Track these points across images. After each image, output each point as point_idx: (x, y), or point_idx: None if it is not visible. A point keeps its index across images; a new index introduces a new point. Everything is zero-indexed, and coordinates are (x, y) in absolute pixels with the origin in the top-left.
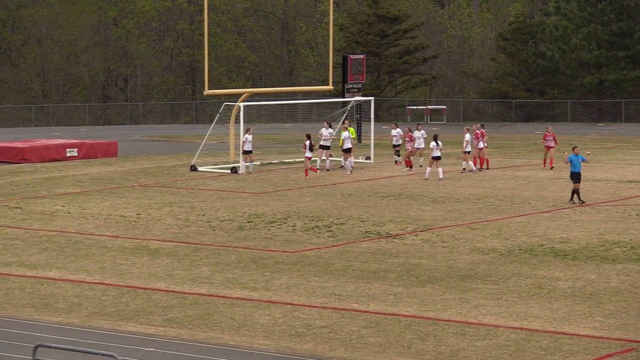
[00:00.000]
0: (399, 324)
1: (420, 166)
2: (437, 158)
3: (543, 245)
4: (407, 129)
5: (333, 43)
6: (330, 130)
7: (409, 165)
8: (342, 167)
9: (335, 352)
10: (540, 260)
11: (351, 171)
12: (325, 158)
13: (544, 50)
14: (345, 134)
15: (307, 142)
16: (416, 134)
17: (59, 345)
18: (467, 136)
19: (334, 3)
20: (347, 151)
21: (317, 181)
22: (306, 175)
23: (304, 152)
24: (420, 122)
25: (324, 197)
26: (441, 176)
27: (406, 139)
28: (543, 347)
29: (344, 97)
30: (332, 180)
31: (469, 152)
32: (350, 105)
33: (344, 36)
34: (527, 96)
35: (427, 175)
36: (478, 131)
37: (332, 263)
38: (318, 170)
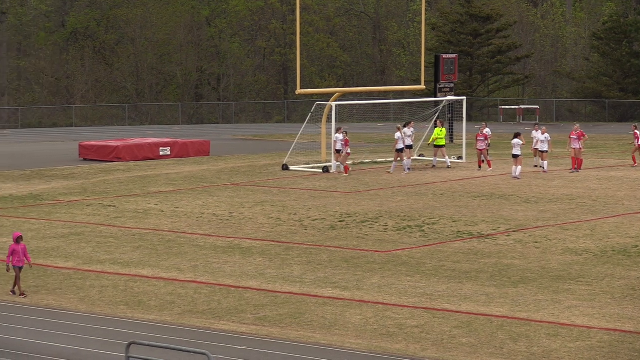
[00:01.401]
0: (491, 324)
1: (535, 166)
2: (516, 156)
3: (637, 246)
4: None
5: (425, 42)
6: (413, 129)
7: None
8: (434, 166)
9: (427, 352)
10: (634, 261)
11: (409, 170)
12: (408, 158)
13: (638, 50)
14: (397, 134)
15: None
16: (539, 134)
17: (152, 343)
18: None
19: (426, 2)
20: (400, 151)
21: (409, 181)
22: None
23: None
24: (538, 123)
25: (415, 196)
26: (517, 174)
27: (480, 138)
28: (637, 349)
29: (436, 96)
30: (424, 180)
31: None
32: (442, 105)
33: (436, 35)
34: (620, 96)
35: (516, 174)
36: (575, 132)
37: (424, 263)
38: (349, 171)
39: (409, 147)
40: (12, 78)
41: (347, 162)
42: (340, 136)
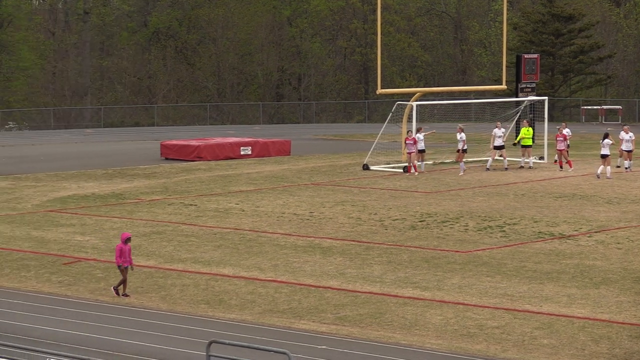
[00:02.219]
0: (572, 325)
1: (617, 167)
2: (605, 156)
3: None
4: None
5: (507, 42)
6: (503, 129)
7: (569, 164)
8: (521, 167)
9: (508, 353)
10: None
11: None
12: (503, 157)
13: None
14: (460, 135)
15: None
16: (624, 134)
17: (233, 342)
18: (460, 135)
19: (507, 2)
20: (462, 152)
21: (489, 181)
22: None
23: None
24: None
25: (496, 197)
26: (608, 174)
27: (559, 138)
28: None
29: (517, 96)
30: (505, 180)
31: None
32: (523, 105)
33: (518, 35)
34: None
35: (607, 175)
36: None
37: (505, 263)
38: (416, 172)
39: (501, 147)
40: (95, 78)
41: (427, 162)
42: (421, 136)
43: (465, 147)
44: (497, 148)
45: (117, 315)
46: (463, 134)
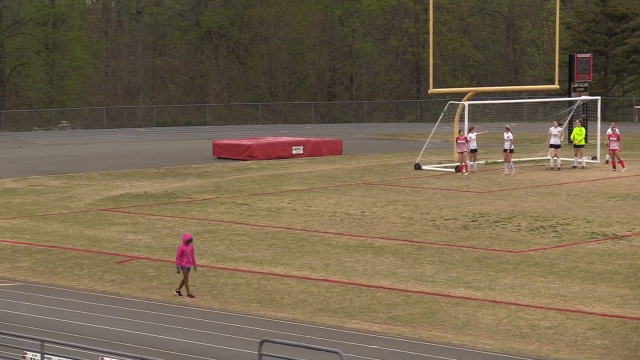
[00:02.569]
0: (625, 326)
1: None
2: None
3: None
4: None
5: (559, 42)
6: (560, 129)
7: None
8: (574, 167)
9: (560, 354)
10: None
11: (509, 173)
12: (557, 157)
13: None
14: (507, 135)
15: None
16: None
17: (284, 341)
18: (507, 135)
19: (560, 1)
20: (508, 152)
21: (542, 181)
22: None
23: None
24: None
25: (549, 196)
26: None
27: (612, 138)
28: None
29: (569, 96)
30: (557, 180)
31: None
32: (576, 105)
33: (571, 35)
34: None
35: None
36: None
37: (557, 264)
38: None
39: (557, 146)
40: (147, 77)
41: (479, 162)
42: (473, 135)
43: (512, 147)
44: (553, 147)
45: (169, 314)
46: (510, 134)
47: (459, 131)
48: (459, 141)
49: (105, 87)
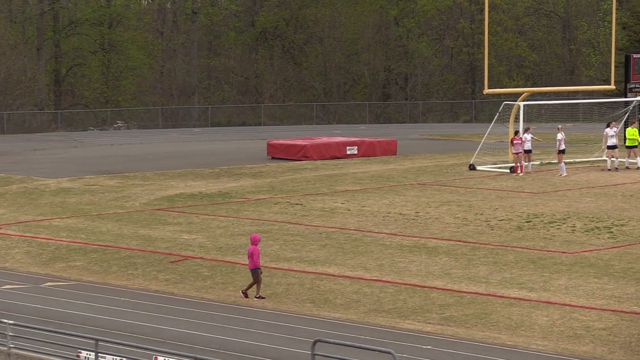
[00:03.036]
0: None
1: None
2: None
3: None
4: None
5: (615, 42)
6: (615, 129)
7: None
8: (627, 167)
9: (615, 355)
10: None
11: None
12: (615, 158)
13: None
14: (559, 135)
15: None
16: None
17: (338, 341)
18: (559, 135)
19: (617, 1)
20: (561, 152)
21: (597, 181)
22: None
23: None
24: None
25: (604, 197)
26: None
27: None
28: None
29: (626, 97)
30: (612, 181)
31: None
32: (632, 106)
33: (627, 35)
34: None
35: None
36: None
37: (612, 265)
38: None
39: (614, 147)
40: (203, 77)
41: (533, 163)
42: (528, 136)
43: (562, 148)
44: (610, 148)
45: (222, 314)
46: (561, 134)
47: (515, 132)
48: (514, 142)
49: (160, 87)
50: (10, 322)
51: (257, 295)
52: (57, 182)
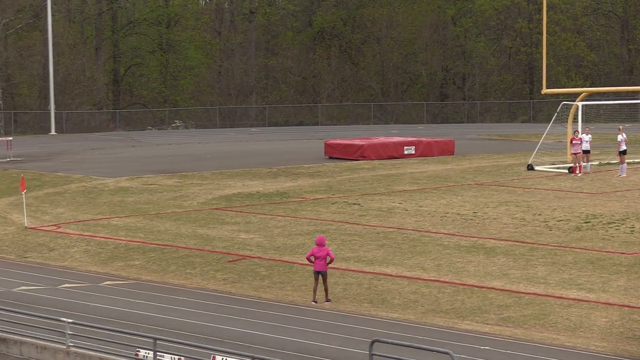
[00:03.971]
0: None
1: None
2: None
3: None
4: None
5: None
6: None
7: None
8: None
9: None
10: None
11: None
12: None
13: None
14: (620, 137)
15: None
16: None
17: (395, 341)
18: (620, 137)
19: None
20: (622, 153)
21: None
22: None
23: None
24: None
25: None
26: None
27: None
28: None
29: None
30: None
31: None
32: None
33: None
34: None
35: None
36: None
37: None
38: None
39: None
40: (260, 77)
41: (592, 163)
42: (587, 137)
43: (623, 148)
44: None
45: (280, 313)
46: (622, 135)
47: (574, 132)
48: (573, 142)
49: (218, 86)
50: (69, 320)
51: (327, 299)
52: (116, 181)
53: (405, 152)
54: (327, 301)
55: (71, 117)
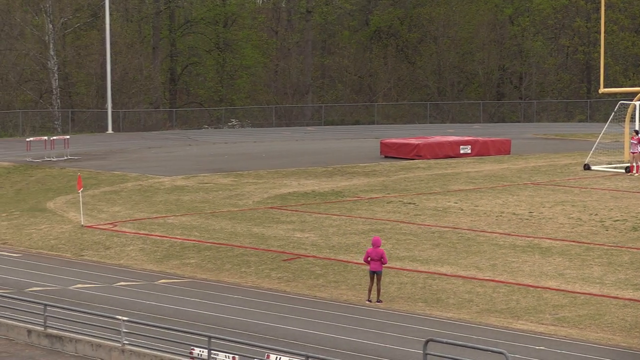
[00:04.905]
0: None
1: None
2: None
3: None
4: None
5: None
6: None
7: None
8: None
9: None
10: None
11: None
12: None
13: None
14: None
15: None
16: None
17: (449, 341)
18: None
19: None
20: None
21: None
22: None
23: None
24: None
25: None
26: None
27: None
28: None
29: None
30: None
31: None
32: None
33: None
34: None
35: None
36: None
37: None
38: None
39: None
40: (317, 76)
41: None
42: None
43: None
44: None
45: (335, 312)
46: None
47: (634, 131)
48: (631, 141)
49: (274, 86)
50: (125, 318)
51: (378, 299)
52: (172, 180)
53: (461, 152)
54: (379, 302)
55: (128, 116)
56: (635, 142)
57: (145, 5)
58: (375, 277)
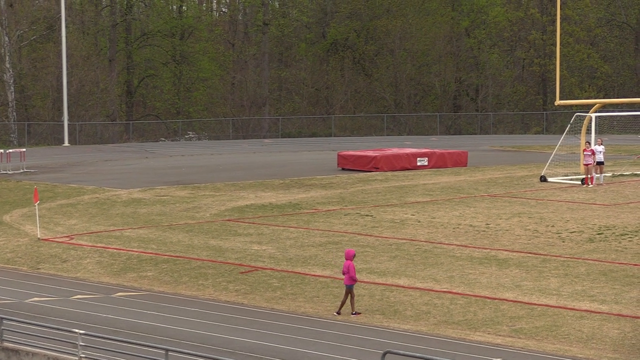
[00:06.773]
0: None
1: None
2: None
3: None
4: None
5: None
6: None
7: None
8: None
9: None
10: None
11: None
12: None
13: None
14: (598, 148)
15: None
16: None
17: (407, 352)
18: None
19: None
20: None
21: None
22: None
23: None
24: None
25: None
26: None
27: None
28: None
29: None
30: None
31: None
32: None
33: None
34: None
35: None
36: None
37: None
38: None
39: None
40: (273, 88)
41: (605, 174)
42: (600, 148)
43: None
44: None
45: (292, 325)
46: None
47: (585, 143)
48: (585, 153)
49: (231, 98)
50: (81, 332)
51: (354, 312)
52: (129, 192)
53: (418, 164)
54: (353, 314)
55: (84, 129)
56: (589, 153)
57: (101, 17)
58: (345, 290)
